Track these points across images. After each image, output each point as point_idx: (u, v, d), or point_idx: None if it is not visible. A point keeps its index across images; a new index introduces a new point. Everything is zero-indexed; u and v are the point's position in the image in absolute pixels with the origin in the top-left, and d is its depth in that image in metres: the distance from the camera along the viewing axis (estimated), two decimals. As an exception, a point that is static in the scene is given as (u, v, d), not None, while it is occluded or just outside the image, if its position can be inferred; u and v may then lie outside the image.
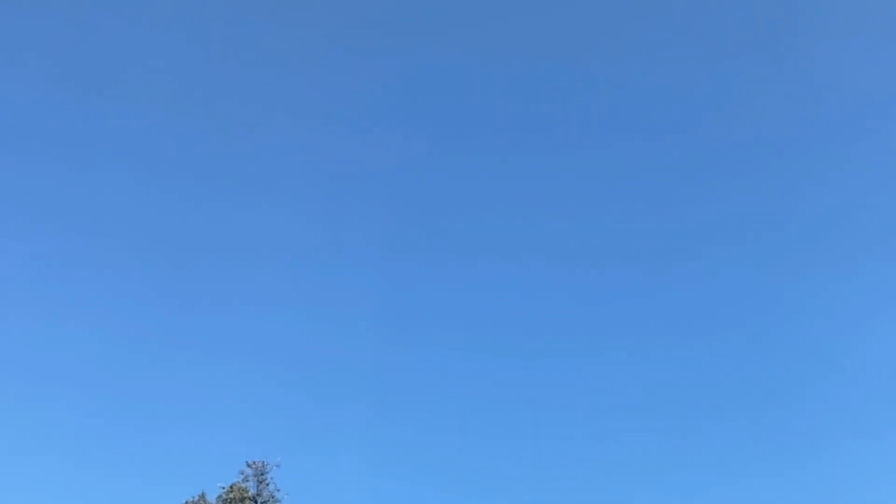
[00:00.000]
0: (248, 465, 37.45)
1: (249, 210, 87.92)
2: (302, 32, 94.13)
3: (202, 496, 37.17)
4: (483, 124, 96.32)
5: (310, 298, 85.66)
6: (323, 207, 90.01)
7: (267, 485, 37.10)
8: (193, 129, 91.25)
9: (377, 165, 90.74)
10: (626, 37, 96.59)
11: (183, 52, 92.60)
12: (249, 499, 36.56)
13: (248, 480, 37.10)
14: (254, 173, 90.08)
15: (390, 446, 78.58)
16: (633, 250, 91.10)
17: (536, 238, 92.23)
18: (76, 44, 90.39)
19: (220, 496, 36.84)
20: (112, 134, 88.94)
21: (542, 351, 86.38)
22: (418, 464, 78.30)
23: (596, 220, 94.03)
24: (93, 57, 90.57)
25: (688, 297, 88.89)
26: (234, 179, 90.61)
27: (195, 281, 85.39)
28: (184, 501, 37.08)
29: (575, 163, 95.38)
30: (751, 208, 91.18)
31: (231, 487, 36.84)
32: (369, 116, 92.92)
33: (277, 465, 37.60)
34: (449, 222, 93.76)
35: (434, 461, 78.87)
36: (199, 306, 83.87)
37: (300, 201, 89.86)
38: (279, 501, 36.98)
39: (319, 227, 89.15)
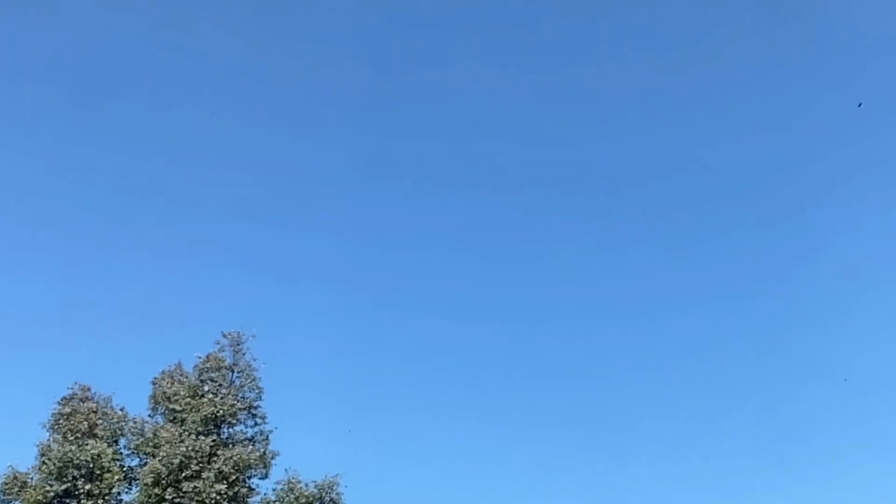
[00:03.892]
0: (224, 336, 37.41)
1: (233, 127, 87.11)
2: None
3: (178, 365, 37.38)
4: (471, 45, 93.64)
5: (290, 209, 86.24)
6: (302, 124, 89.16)
7: (243, 354, 37.21)
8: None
9: (356, 87, 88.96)
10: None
11: None
12: (226, 368, 36.76)
13: (223, 350, 37.18)
14: (236, 94, 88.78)
15: (366, 326, 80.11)
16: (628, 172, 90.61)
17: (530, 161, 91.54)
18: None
19: (196, 366, 37.00)
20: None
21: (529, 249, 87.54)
22: (396, 344, 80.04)
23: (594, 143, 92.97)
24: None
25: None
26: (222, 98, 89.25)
27: (180, 185, 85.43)
28: (160, 371, 37.40)
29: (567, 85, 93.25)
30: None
31: (207, 357, 36.95)
32: (348, 37, 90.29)
33: (253, 336, 37.65)
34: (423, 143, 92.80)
35: (411, 342, 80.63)
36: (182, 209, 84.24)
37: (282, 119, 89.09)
38: (256, 371, 37.14)
39: (300, 143, 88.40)
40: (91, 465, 34.06)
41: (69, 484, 33.79)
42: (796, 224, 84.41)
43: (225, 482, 33.34)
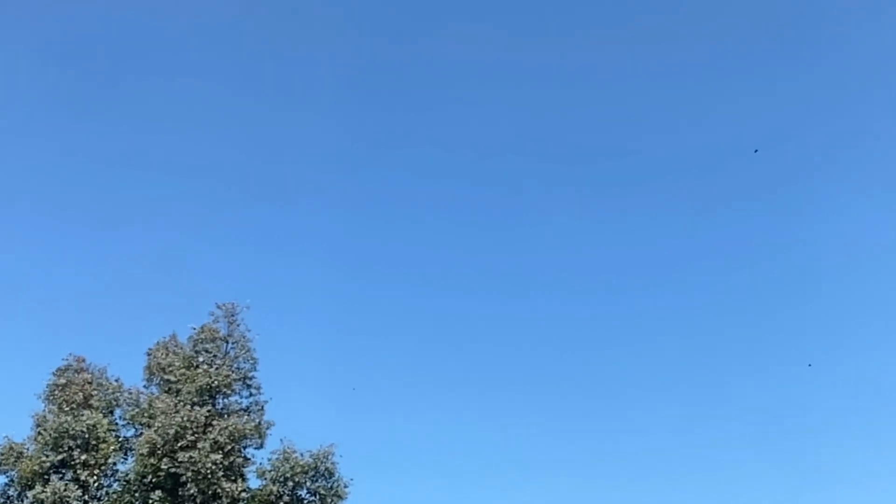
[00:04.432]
0: (218, 307, 37.44)
1: (224, 99, 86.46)
2: None
3: (173, 336, 37.43)
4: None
5: (282, 180, 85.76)
6: (295, 96, 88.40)
7: (237, 325, 37.23)
8: None
9: (349, 60, 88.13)
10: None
11: None
12: (220, 339, 36.78)
13: (218, 321, 37.21)
14: (229, 66, 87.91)
15: (359, 298, 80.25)
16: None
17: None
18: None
19: (191, 336, 37.06)
20: None
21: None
22: (389, 315, 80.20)
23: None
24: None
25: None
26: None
27: (172, 158, 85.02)
28: (155, 342, 37.44)
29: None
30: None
31: (202, 328, 36.96)
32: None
33: (247, 307, 37.71)
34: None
35: (404, 313, 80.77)
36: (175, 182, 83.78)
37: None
38: (250, 342, 37.17)
39: (292, 115, 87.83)
40: (87, 436, 34.16)
41: (65, 454, 33.87)
42: (790, 196, 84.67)
43: (220, 452, 33.43)
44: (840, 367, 73.90)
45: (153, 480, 33.58)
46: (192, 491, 33.00)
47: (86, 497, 33.60)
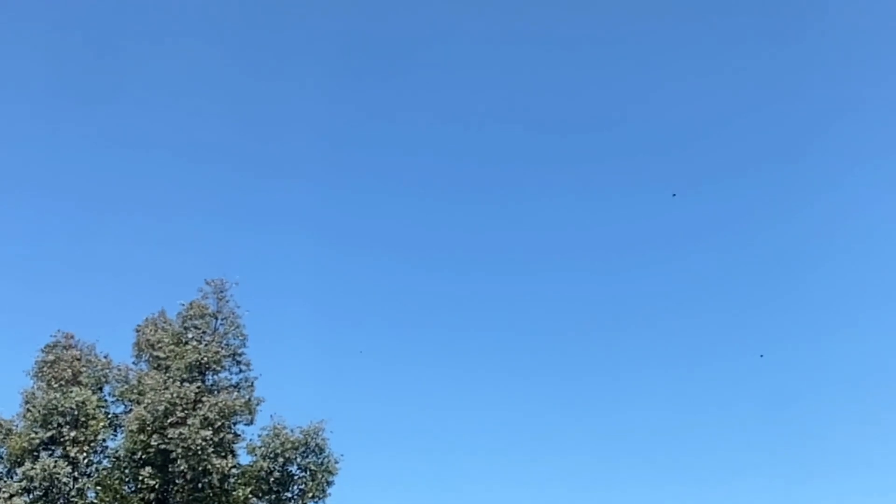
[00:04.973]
0: (207, 283, 37.33)
1: (214, 75, 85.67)
2: None
3: (162, 313, 37.32)
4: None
5: (271, 157, 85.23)
6: (284, 70, 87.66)
7: (227, 302, 37.15)
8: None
9: (340, 32, 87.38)
10: None
11: None
12: (210, 315, 36.68)
13: (207, 298, 37.11)
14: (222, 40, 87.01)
15: (348, 275, 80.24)
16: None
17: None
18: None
19: (180, 313, 36.95)
20: None
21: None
22: (378, 293, 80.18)
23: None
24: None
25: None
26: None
27: (159, 135, 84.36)
28: (144, 318, 37.33)
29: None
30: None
31: (191, 305, 36.84)
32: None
33: (236, 283, 37.60)
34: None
35: (394, 291, 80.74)
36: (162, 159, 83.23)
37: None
38: (239, 318, 37.09)
39: (283, 90, 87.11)
40: (76, 413, 34.08)
41: (54, 431, 33.81)
42: (786, 174, 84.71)
43: (210, 428, 33.42)
44: (839, 356, 74.19)
45: (143, 457, 33.58)
46: (182, 467, 33.01)
47: (75, 473, 33.59)
